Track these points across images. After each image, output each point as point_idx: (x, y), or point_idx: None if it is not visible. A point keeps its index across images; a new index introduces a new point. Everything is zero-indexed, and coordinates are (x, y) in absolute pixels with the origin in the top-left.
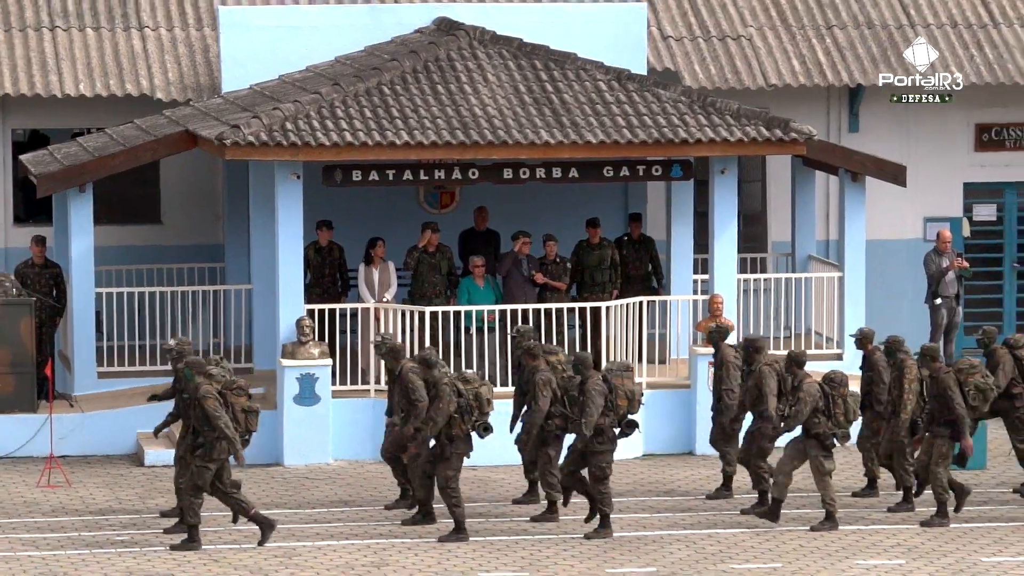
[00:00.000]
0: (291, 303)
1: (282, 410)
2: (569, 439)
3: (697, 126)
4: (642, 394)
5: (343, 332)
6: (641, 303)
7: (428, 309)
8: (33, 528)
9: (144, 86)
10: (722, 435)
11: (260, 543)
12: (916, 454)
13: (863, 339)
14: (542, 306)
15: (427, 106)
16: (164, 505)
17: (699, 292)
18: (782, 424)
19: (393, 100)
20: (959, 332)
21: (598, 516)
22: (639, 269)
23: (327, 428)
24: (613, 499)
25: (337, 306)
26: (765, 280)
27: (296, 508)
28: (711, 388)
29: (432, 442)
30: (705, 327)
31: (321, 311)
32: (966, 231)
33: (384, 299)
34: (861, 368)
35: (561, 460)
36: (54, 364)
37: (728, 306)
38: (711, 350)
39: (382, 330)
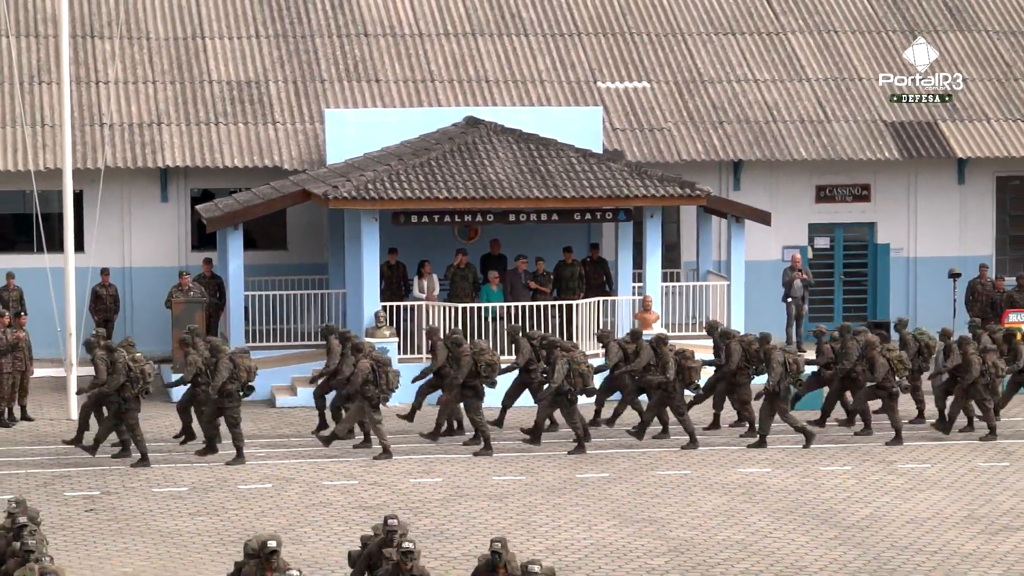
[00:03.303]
0: (371, 301)
1: None
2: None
3: (635, 186)
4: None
5: (403, 322)
6: (599, 301)
7: (460, 305)
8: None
9: (276, 160)
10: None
11: None
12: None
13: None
14: (534, 304)
15: (460, 173)
16: (290, 433)
17: (636, 294)
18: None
19: (438, 169)
20: (804, 320)
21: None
22: (597, 279)
23: None
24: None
25: (401, 303)
26: (679, 287)
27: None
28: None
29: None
30: (640, 317)
31: (391, 307)
32: (810, 255)
33: (431, 299)
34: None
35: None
36: None
37: (655, 303)
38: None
39: (429, 321)
